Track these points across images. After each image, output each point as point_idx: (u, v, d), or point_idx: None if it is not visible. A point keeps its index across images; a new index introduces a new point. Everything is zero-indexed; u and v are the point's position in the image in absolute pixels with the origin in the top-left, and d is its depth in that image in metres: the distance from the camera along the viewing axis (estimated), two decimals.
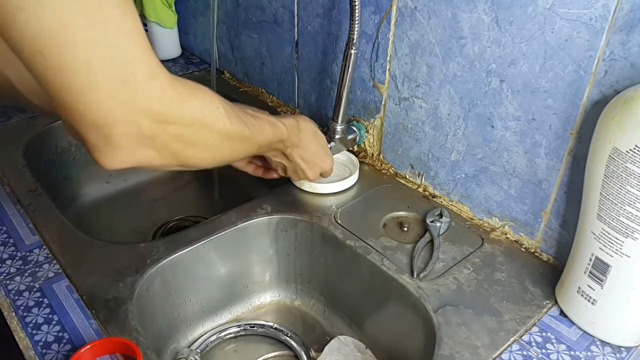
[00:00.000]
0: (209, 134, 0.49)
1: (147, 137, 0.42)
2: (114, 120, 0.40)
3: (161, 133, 0.43)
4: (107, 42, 0.37)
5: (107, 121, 0.39)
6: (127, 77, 0.39)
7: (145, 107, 0.41)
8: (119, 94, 0.39)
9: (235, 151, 0.55)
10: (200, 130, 0.47)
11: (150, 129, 0.42)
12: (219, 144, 0.51)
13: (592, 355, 0.56)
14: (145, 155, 0.44)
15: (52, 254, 0.67)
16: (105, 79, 0.38)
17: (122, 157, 0.42)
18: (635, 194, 0.48)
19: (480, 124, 0.68)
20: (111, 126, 0.40)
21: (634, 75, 0.52)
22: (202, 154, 0.50)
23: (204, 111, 0.47)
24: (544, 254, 0.68)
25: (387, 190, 0.80)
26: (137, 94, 0.40)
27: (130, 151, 0.42)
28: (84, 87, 0.38)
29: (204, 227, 0.72)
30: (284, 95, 1.01)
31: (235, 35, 1.06)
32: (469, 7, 0.63)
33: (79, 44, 0.36)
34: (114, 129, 0.40)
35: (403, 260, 0.67)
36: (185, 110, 0.45)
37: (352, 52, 0.73)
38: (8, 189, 0.78)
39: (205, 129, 0.48)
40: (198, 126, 0.47)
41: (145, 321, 0.63)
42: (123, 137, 0.41)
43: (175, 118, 0.44)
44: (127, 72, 0.39)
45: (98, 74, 0.38)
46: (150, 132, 0.42)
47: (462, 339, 0.57)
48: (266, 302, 0.80)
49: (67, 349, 0.55)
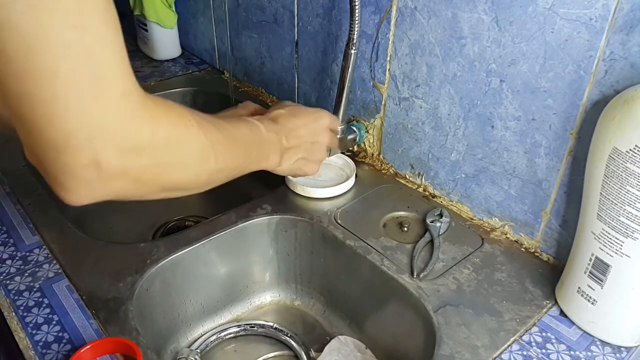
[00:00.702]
0: (185, 151, 0.44)
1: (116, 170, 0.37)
2: (77, 144, 0.34)
3: (133, 164, 0.38)
4: (81, 49, 0.33)
5: (69, 143, 0.34)
6: (98, 94, 0.34)
7: (114, 131, 0.36)
8: (86, 112, 0.34)
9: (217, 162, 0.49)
10: (176, 150, 0.43)
11: (119, 163, 0.37)
12: (199, 160, 0.47)
13: (592, 355, 0.56)
14: (117, 188, 0.38)
15: (52, 254, 0.67)
16: (72, 92, 0.33)
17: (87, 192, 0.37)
18: (635, 194, 0.48)
19: (480, 124, 0.68)
20: (73, 152, 0.34)
21: (634, 75, 0.52)
22: (184, 174, 0.46)
23: (177, 129, 0.43)
24: (544, 254, 0.68)
25: (387, 190, 0.80)
26: (106, 115, 0.35)
27: (96, 185, 0.37)
28: (47, 96, 0.33)
29: (204, 227, 0.72)
30: (284, 95, 1.01)
31: (235, 35, 1.06)
32: (469, 7, 0.63)
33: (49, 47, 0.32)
34: (77, 156, 0.35)
35: (403, 260, 0.67)
36: (157, 131, 0.40)
37: (352, 52, 0.73)
38: (8, 189, 0.78)
39: (181, 146, 0.43)
40: (173, 146, 0.42)
41: (145, 321, 0.63)
42: (86, 168, 0.35)
43: (147, 142, 0.39)
44: (98, 88, 0.34)
45: (65, 85, 0.33)
46: (120, 166, 0.37)
47: (462, 339, 0.57)
48: (266, 302, 0.80)
49: (67, 349, 0.55)
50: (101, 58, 0.34)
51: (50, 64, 0.32)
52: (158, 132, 0.40)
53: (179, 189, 0.47)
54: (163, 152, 0.41)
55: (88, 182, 0.36)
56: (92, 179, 0.36)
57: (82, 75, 0.33)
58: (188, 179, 0.47)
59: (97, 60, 0.34)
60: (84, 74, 0.34)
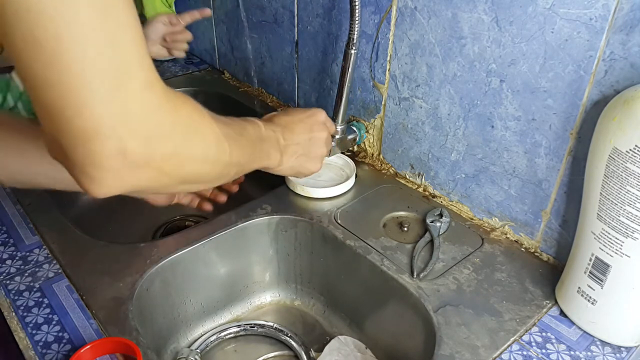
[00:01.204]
0: (203, 142, 0.45)
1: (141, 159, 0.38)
2: (104, 133, 0.35)
3: (156, 153, 0.39)
4: (106, 35, 0.33)
5: (96, 131, 0.35)
6: (122, 82, 0.35)
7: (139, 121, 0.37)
8: (112, 100, 0.35)
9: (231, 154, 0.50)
10: (195, 140, 0.44)
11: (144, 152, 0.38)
12: (215, 150, 0.47)
13: (592, 355, 0.56)
14: (141, 179, 0.39)
15: (52, 254, 0.67)
16: (99, 79, 0.34)
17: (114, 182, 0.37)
18: (635, 194, 0.48)
19: (480, 124, 0.68)
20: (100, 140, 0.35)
21: (634, 75, 0.52)
22: (202, 165, 0.46)
23: (194, 117, 0.44)
24: (544, 254, 0.68)
25: (387, 190, 0.80)
26: (131, 103, 0.36)
27: (121, 175, 0.37)
28: (76, 84, 0.33)
29: (204, 227, 0.72)
30: (284, 95, 1.01)
31: (235, 35, 1.06)
32: (469, 7, 0.63)
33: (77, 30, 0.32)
34: (103, 144, 0.35)
35: (403, 260, 0.67)
36: (178, 120, 0.41)
37: (352, 52, 0.73)
38: (8, 189, 0.78)
39: (199, 136, 0.44)
40: (192, 136, 0.43)
41: (145, 321, 0.63)
42: (113, 157, 0.36)
43: (169, 131, 0.40)
44: (123, 76, 0.35)
45: (93, 71, 0.33)
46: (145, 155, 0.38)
47: (462, 339, 0.57)
48: (266, 302, 0.80)
49: (67, 349, 0.55)
50: (124, 44, 0.35)
51: (79, 48, 0.32)
52: (179, 122, 0.41)
53: (196, 181, 0.48)
54: (183, 141, 0.42)
55: (115, 171, 0.37)
56: (118, 169, 0.37)
57: (107, 61, 0.34)
58: (205, 170, 0.47)
59: (120, 46, 0.34)
60: (110, 60, 0.34)
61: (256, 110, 1.03)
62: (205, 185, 0.50)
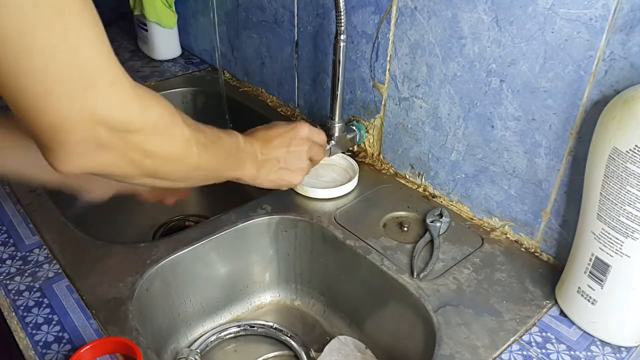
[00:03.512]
0: (170, 142, 0.47)
1: (104, 146, 0.41)
2: (70, 126, 0.38)
3: (120, 142, 0.42)
4: (66, 48, 0.36)
5: (63, 126, 0.38)
6: (87, 85, 0.38)
7: (105, 114, 0.39)
8: (78, 100, 0.38)
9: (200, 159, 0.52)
10: (163, 138, 0.46)
11: (108, 138, 0.40)
12: (182, 151, 0.49)
13: (592, 355, 0.56)
14: (102, 162, 0.42)
15: (52, 254, 0.67)
16: (63, 85, 0.37)
17: (76, 163, 0.41)
18: (635, 194, 0.48)
19: (480, 124, 0.68)
20: (67, 131, 0.38)
21: (634, 75, 0.52)
22: (167, 163, 0.48)
23: (165, 118, 0.46)
24: (544, 254, 0.68)
25: (387, 190, 0.80)
26: (96, 101, 0.39)
27: (85, 157, 0.41)
28: (40, 92, 0.36)
29: (204, 227, 0.72)
30: (284, 95, 1.01)
31: (235, 35, 1.06)
32: (469, 7, 0.63)
33: (36, 50, 0.35)
34: (70, 134, 0.38)
35: (403, 260, 0.67)
36: (148, 117, 0.43)
37: (342, 45, 0.73)
38: (8, 189, 0.78)
39: (167, 136, 0.46)
40: (160, 133, 0.45)
41: (145, 321, 0.63)
42: (79, 143, 0.39)
43: (138, 125, 0.42)
44: (86, 80, 0.38)
45: (55, 80, 0.36)
46: (109, 141, 0.41)
47: (462, 339, 0.57)
48: (266, 302, 0.80)
49: (67, 349, 0.55)
50: (86, 54, 0.38)
51: (39, 64, 0.36)
52: (149, 118, 0.43)
53: (160, 177, 0.49)
54: (151, 137, 0.44)
55: (80, 154, 0.40)
56: (83, 152, 0.40)
57: (70, 71, 0.37)
58: (169, 168, 0.49)
59: (82, 56, 0.37)
60: (72, 70, 0.37)
61: (256, 110, 1.03)
62: (171, 183, 0.52)
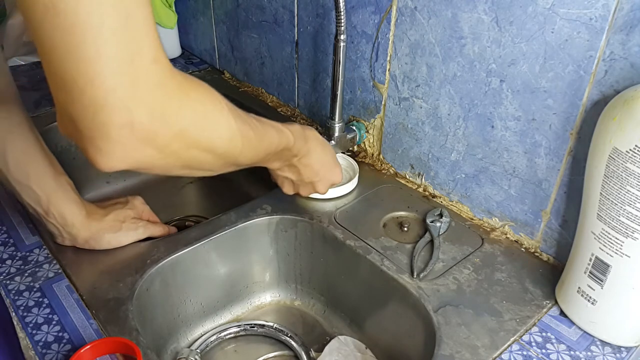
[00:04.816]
0: (213, 131, 0.45)
1: (147, 133, 0.39)
2: (114, 103, 0.36)
3: (162, 130, 0.40)
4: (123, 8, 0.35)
5: (106, 102, 0.36)
6: (134, 55, 0.36)
7: (145, 95, 0.38)
8: (124, 72, 0.36)
9: (241, 154, 0.50)
10: (205, 127, 0.44)
11: (150, 127, 0.39)
12: (226, 144, 0.47)
13: (592, 355, 0.56)
14: (146, 155, 0.40)
15: (52, 254, 0.67)
16: (113, 50, 0.35)
17: (120, 154, 0.39)
18: (635, 194, 0.48)
19: (480, 124, 0.68)
20: (110, 110, 0.36)
21: (634, 75, 0.52)
22: (208, 154, 0.46)
23: (206, 105, 0.44)
24: (544, 254, 0.68)
25: (387, 190, 0.80)
26: (139, 76, 0.37)
27: (129, 147, 0.39)
28: (91, 54, 0.35)
29: (204, 227, 0.72)
30: (284, 95, 1.01)
31: (235, 35, 1.06)
32: (469, 7, 0.63)
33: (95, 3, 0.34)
34: (113, 114, 0.37)
35: (403, 260, 0.67)
36: (186, 103, 0.41)
37: (341, 45, 0.74)
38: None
39: (209, 124, 0.44)
40: (201, 122, 0.43)
41: (145, 321, 0.63)
42: (120, 129, 0.37)
43: (175, 110, 0.40)
44: (134, 49, 0.36)
45: (108, 43, 0.35)
46: (151, 130, 0.39)
47: (462, 339, 0.57)
48: (266, 302, 0.80)
49: (67, 349, 0.55)
50: (137, 19, 0.36)
51: (96, 20, 0.34)
52: (187, 104, 0.41)
53: (199, 168, 0.47)
54: (191, 125, 0.42)
55: (122, 144, 0.38)
56: (125, 141, 0.38)
57: (122, 34, 0.36)
58: (209, 160, 0.47)
59: (134, 21, 0.36)
60: (124, 33, 0.36)
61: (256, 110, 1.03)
62: (205, 174, 0.50)
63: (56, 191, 0.64)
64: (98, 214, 0.67)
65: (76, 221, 0.65)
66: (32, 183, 0.63)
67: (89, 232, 0.66)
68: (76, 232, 0.66)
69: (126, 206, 0.71)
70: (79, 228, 0.66)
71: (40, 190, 0.63)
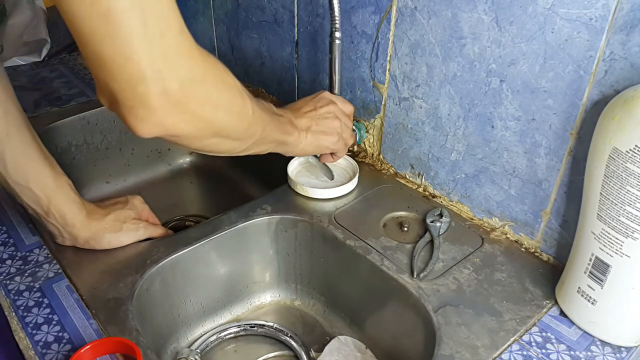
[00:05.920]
0: (229, 91, 0.50)
1: (180, 99, 0.43)
2: (150, 76, 0.40)
3: (191, 94, 0.44)
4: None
5: (144, 75, 0.40)
6: (164, 30, 0.40)
7: (176, 65, 0.42)
8: (157, 46, 0.40)
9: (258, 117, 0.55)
10: (223, 90, 0.48)
11: (181, 92, 0.42)
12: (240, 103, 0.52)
13: (592, 355, 0.56)
14: (180, 119, 0.44)
15: (52, 254, 0.67)
16: (149, 28, 0.39)
17: (157, 119, 0.42)
18: (635, 194, 0.48)
19: (480, 124, 0.68)
20: (148, 82, 0.40)
21: (634, 75, 0.52)
22: (230, 116, 0.50)
23: (219, 68, 0.48)
24: (544, 254, 0.68)
25: (387, 190, 0.80)
26: (170, 48, 0.41)
27: (164, 113, 0.42)
28: (127, 34, 0.38)
29: (204, 227, 0.72)
30: (284, 95, 1.01)
31: (235, 35, 1.06)
32: (469, 7, 0.63)
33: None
34: (151, 85, 0.40)
35: (403, 260, 0.67)
36: (208, 66, 0.46)
37: (337, 42, 0.74)
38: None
39: (225, 85, 0.49)
40: (221, 84, 0.48)
41: (145, 321, 0.63)
42: (159, 97, 0.41)
43: (201, 76, 0.45)
44: (164, 25, 0.40)
45: (141, 22, 0.38)
46: (182, 95, 0.43)
47: (462, 339, 0.57)
48: (266, 302, 0.80)
49: (67, 349, 0.55)
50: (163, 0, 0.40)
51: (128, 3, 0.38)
52: (209, 70, 0.46)
53: (226, 135, 0.52)
54: (214, 88, 0.47)
55: (159, 111, 0.42)
56: (162, 108, 0.42)
57: (152, 13, 0.39)
58: (233, 122, 0.52)
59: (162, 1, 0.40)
60: (153, 12, 0.39)
61: None
62: (233, 142, 0.55)
63: (56, 192, 0.64)
64: (98, 214, 0.67)
65: (76, 221, 0.65)
66: (32, 184, 0.63)
67: (89, 232, 0.66)
68: (76, 232, 0.66)
69: (126, 206, 0.71)
70: (80, 228, 0.66)
71: (40, 191, 0.64)
